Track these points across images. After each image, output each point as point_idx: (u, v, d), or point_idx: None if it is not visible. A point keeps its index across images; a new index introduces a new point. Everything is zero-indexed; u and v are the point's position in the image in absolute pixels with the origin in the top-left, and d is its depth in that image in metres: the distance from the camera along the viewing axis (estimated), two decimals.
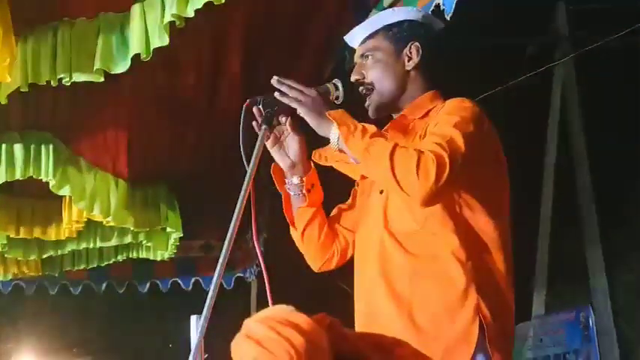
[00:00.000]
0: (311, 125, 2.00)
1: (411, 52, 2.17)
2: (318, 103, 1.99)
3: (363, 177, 2.26)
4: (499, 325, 1.91)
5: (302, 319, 0.78)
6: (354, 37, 2.28)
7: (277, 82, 2.03)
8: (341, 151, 1.96)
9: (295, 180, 2.20)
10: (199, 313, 1.92)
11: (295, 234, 2.27)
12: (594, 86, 6.39)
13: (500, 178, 2.09)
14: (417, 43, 2.17)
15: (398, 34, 2.19)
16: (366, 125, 1.93)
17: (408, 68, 2.17)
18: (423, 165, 1.79)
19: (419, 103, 2.15)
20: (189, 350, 2.18)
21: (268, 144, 2.14)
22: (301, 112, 1.99)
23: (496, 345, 1.87)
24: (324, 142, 2.02)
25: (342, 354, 0.83)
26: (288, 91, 2.01)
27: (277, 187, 2.24)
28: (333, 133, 1.94)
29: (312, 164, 2.24)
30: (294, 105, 2.00)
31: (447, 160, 1.80)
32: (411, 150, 1.84)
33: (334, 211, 2.34)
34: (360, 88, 2.17)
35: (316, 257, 2.29)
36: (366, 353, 0.84)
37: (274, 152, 2.17)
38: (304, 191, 2.20)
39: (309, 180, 2.20)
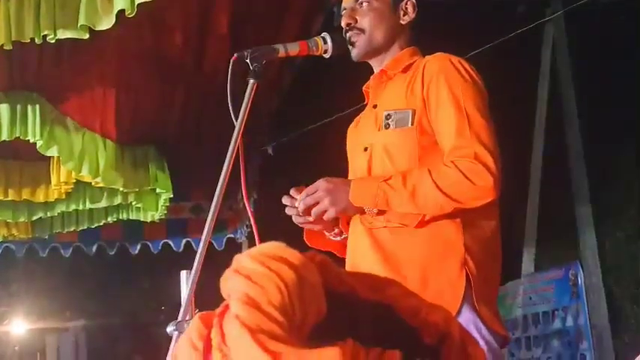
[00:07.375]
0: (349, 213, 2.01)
1: (407, 8, 2.17)
2: (334, 193, 1.97)
3: (351, 137, 2.26)
4: (486, 279, 1.92)
5: (293, 255, 0.78)
6: None
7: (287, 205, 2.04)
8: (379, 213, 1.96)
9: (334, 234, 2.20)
10: None
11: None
12: (584, 43, 6.36)
13: None
14: (413, 0, 2.17)
15: None
16: (386, 183, 1.91)
17: (402, 22, 2.17)
18: (469, 173, 1.84)
19: (399, 58, 2.16)
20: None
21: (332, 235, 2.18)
22: (332, 213, 1.98)
23: (482, 297, 1.88)
24: None
25: (334, 290, 0.82)
26: (305, 205, 1.99)
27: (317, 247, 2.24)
28: (368, 209, 1.96)
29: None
30: (323, 212, 1.98)
31: (486, 158, 1.86)
32: (445, 168, 1.87)
33: None
34: (348, 33, 2.15)
35: None
36: (357, 291, 0.84)
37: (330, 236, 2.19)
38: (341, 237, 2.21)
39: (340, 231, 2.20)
